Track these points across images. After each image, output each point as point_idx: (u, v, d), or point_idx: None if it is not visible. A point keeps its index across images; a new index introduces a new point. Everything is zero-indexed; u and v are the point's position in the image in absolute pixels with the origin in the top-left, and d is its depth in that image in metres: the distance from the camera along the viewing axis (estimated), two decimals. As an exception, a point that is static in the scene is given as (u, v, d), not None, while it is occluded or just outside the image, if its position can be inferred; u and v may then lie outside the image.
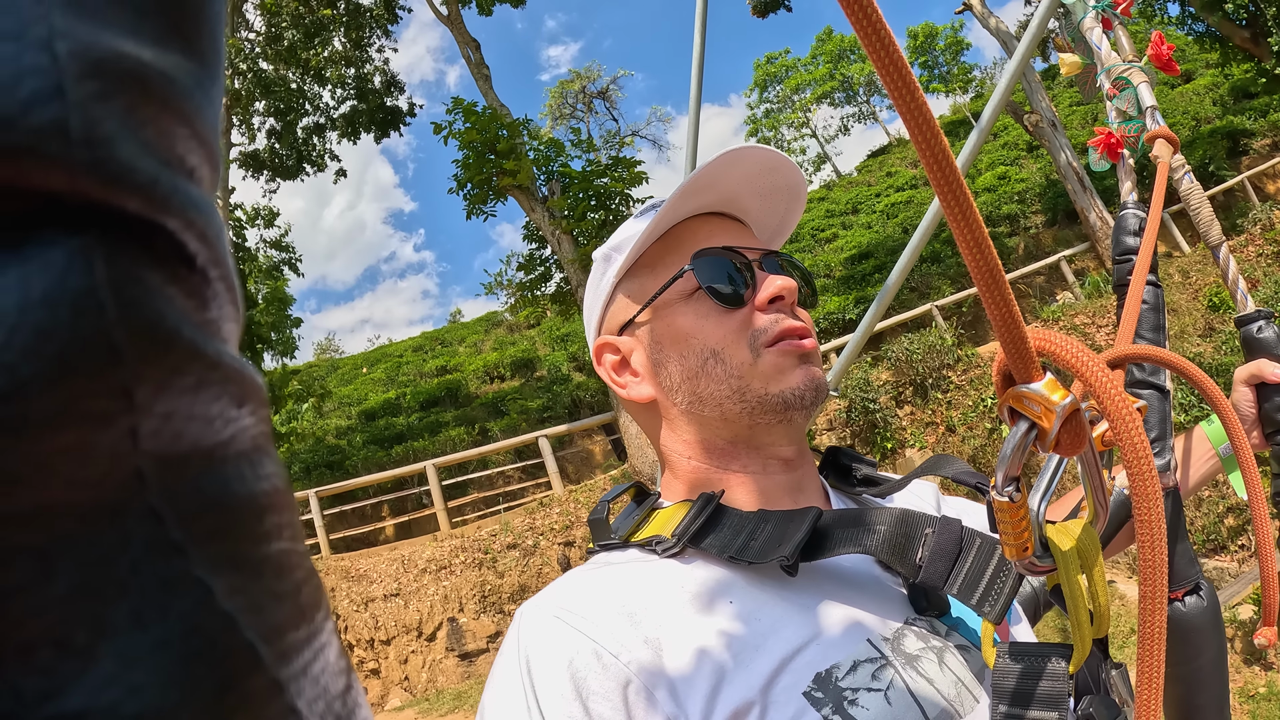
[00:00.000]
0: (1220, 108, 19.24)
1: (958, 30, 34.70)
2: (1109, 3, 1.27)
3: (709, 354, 0.73)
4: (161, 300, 0.13)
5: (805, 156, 39.82)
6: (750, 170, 0.77)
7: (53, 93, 0.12)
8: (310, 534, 10.59)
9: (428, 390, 18.04)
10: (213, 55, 0.16)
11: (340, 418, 17.69)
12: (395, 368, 21.94)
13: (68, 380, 0.12)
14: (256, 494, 0.15)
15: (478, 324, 27.37)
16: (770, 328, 0.73)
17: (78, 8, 0.13)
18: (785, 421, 0.73)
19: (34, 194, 0.12)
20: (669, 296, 0.76)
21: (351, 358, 27.70)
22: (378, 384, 20.64)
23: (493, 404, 16.59)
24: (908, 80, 0.35)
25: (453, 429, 15.04)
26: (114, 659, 0.12)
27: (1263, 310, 1.10)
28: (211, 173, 0.16)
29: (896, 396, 11.83)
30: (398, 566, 9.73)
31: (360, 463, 13.74)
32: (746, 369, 0.72)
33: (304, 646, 0.15)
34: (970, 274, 0.40)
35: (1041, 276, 15.77)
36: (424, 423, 15.89)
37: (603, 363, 0.80)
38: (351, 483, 11.57)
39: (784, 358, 0.72)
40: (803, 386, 0.72)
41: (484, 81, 13.03)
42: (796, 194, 0.82)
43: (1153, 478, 0.44)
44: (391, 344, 28.88)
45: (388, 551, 10.33)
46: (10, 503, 0.12)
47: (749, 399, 0.72)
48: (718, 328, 0.73)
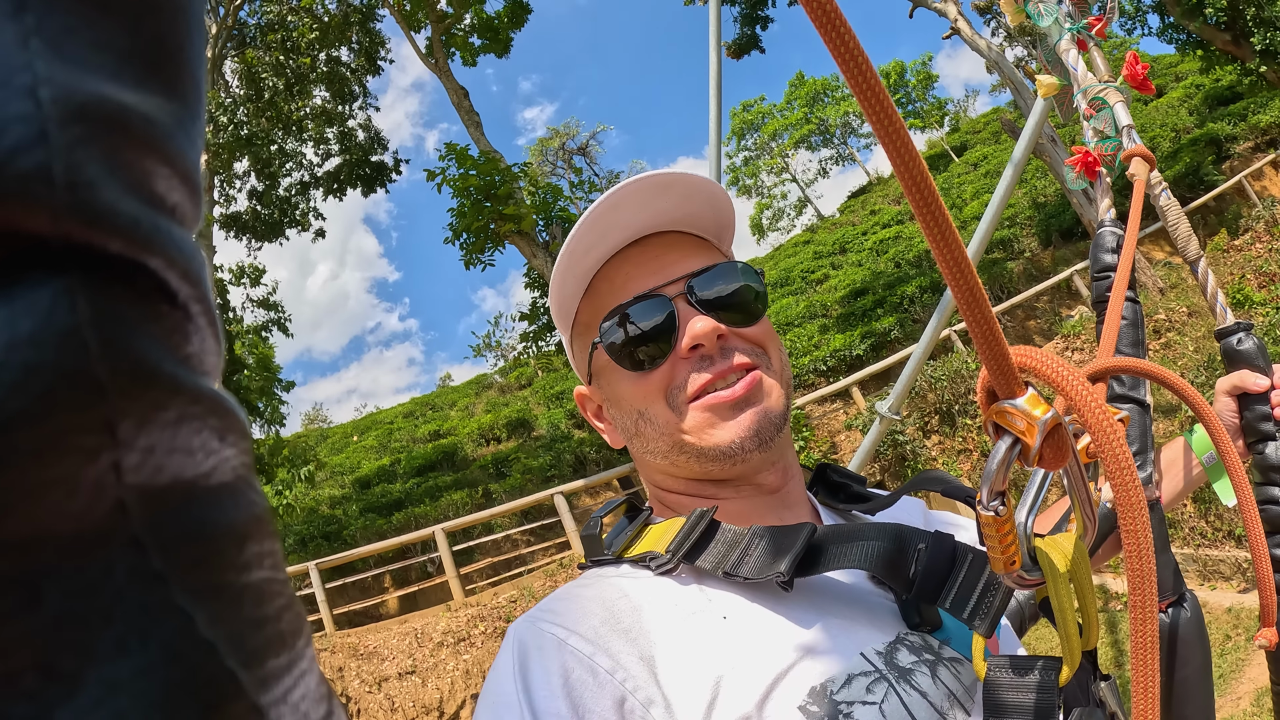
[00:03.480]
0: (1197, 117, 19.57)
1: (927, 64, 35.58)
2: (1084, 25, 1.28)
3: (638, 414, 0.74)
4: (143, 337, 0.14)
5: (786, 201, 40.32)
6: (641, 201, 0.74)
7: (36, 139, 0.13)
8: (312, 609, 9.72)
9: (423, 455, 17.41)
10: (193, 94, 0.16)
11: (333, 487, 16.91)
12: (386, 434, 21.42)
13: (53, 416, 0.12)
14: (237, 524, 0.15)
15: (468, 387, 26.97)
16: (689, 384, 0.72)
17: (61, 54, 0.13)
18: (733, 465, 0.72)
19: (20, 236, 0.13)
20: (597, 363, 0.77)
21: (341, 426, 27.24)
22: (369, 451, 20.03)
23: (492, 466, 15.96)
24: (882, 99, 0.35)
25: (454, 493, 14.32)
26: (98, 685, 0.12)
27: (1242, 322, 1.12)
28: (194, 209, 0.16)
29: (923, 426, 11.46)
30: (410, 641, 8.87)
31: (358, 532, 12.93)
32: (673, 427, 0.73)
33: (284, 673, 0.16)
34: (953, 295, 0.41)
35: (1045, 297, 15.57)
36: (422, 488, 15.17)
37: (585, 409, 0.84)
38: (353, 553, 10.70)
39: (708, 413, 0.72)
40: (736, 440, 0.71)
41: (475, 128, 12.72)
42: (704, 191, 0.77)
43: (1136, 488, 0.45)
44: (380, 411, 28.46)
45: (398, 625, 9.46)
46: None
47: (689, 451, 0.72)
48: (638, 389, 0.74)
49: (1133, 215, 1.09)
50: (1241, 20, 12.35)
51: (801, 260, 24.96)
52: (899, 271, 19.58)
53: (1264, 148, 16.75)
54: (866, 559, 0.63)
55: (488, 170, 11.11)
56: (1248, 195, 14.98)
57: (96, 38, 0.14)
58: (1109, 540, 1.04)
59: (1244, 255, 11.30)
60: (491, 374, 23.51)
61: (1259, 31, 12.15)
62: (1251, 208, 13.83)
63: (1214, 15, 12.45)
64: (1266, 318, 9.60)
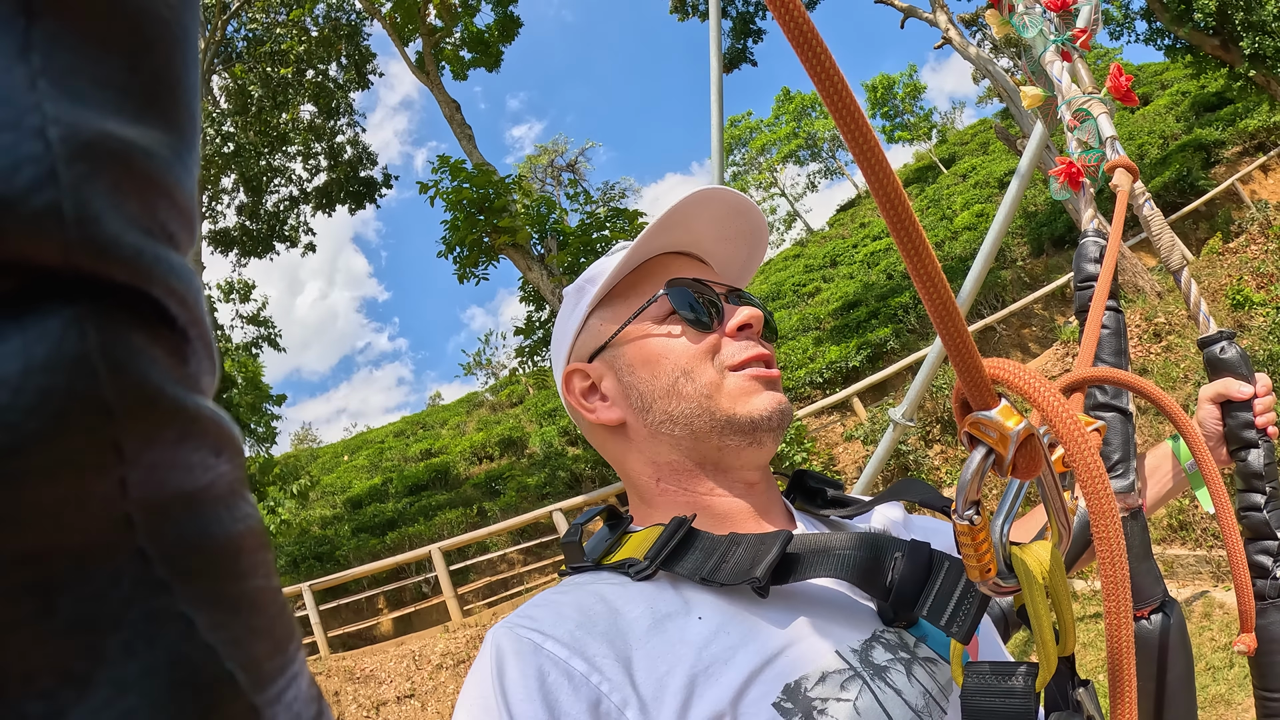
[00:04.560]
0: (1185, 123, 19.79)
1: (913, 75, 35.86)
2: (1068, 36, 1.30)
3: (679, 373, 0.76)
4: (146, 361, 0.15)
5: (776, 216, 40.46)
6: (719, 212, 0.82)
7: (47, 178, 0.13)
8: (306, 632, 9.41)
9: (414, 475, 17.13)
10: (189, 126, 0.17)
11: (324, 507, 16.57)
12: (377, 454, 21.11)
13: (66, 436, 0.13)
14: (233, 535, 0.16)
15: (459, 405, 26.71)
16: (738, 353, 0.77)
17: (66, 93, 0.14)
18: (754, 444, 0.76)
19: (32, 269, 0.13)
20: (642, 321, 0.79)
21: (331, 446, 26.83)
22: (360, 471, 19.71)
23: (485, 484, 15.71)
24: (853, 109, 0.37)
25: (448, 512, 14.04)
26: (109, 686, 0.13)
27: (1224, 331, 1.14)
28: (189, 237, 0.17)
29: (924, 436, 11.34)
30: (408, 664, 8.58)
31: (351, 552, 12.62)
32: (714, 389, 0.76)
33: (279, 675, 0.16)
34: (925, 306, 0.41)
35: (1040, 305, 15.57)
36: (415, 508, 14.89)
37: (571, 389, 0.83)
38: (347, 574, 10.39)
39: (750, 381, 0.76)
40: (769, 409, 0.76)
41: (468, 141, 12.58)
42: (759, 239, 0.87)
43: (1108, 497, 0.46)
44: (371, 430, 28.11)
45: (394, 647, 9.16)
46: (16, 545, 0.13)
47: (718, 417, 0.75)
48: (687, 350, 0.77)
49: (1115, 226, 1.12)
50: (1230, 24, 12.45)
51: (792, 274, 24.94)
52: (891, 283, 19.56)
53: (1252, 152, 16.90)
54: (842, 568, 0.65)
55: (481, 182, 10.96)
56: (1237, 199, 15.10)
57: (98, 74, 0.15)
58: (1089, 549, 1.05)
59: (1240, 258, 11.30)
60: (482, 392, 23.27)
61: (1248, 35, 12.24)
62: (1245, 210, 13.92)
63: (1202, 20, 12.54)
64: (1267, 318, 9.58)
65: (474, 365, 11.09)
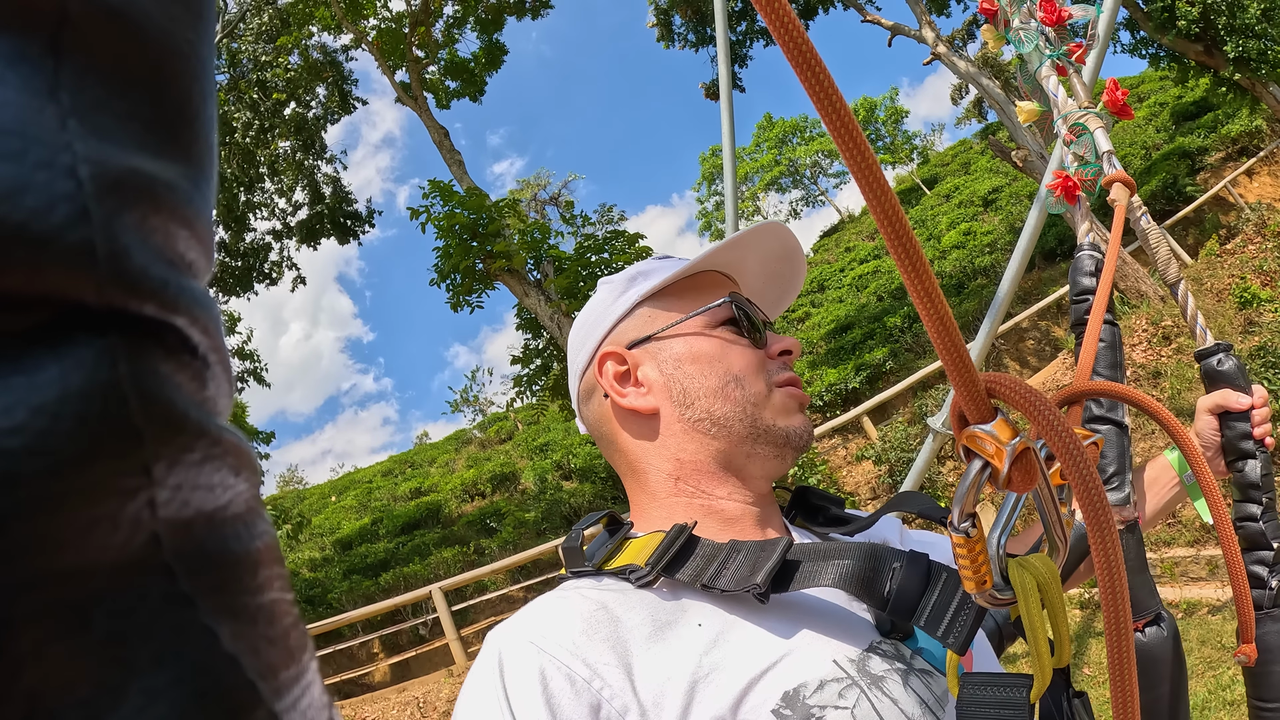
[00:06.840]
0: (1166, 133, 19.99)
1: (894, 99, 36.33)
2: (1064, 51, 1.32)
3: (731, 378, 0.79)
4: (172, 388, 0.16)
5: (759, 243, 40.37)
6: (773, 250, 0.88)
7: (80, 217, 0.14)
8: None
9: (405, 514, 16.54)
10: (207, 159, 0.18)
11: (313, 549, 15.89)
12: (366, 494, 20.46)
13: (101, 461, 0.14)
14: (252, 550, 0.17)
15: (447, 443, 26.10)
16: (782, 371, 0.83)
17: (94, 130, 0.15)
18: (780, 457, 0.80)
19: (67, 302, 0.14)
20: (697, 320, 0.82)
21: (318, 487, 25.95)
22: (349, 511, 19.00)
23: (479, 521, 15.18)
24: (853, 129, 0.37)
25: (444, 551, 13.49)
26: (140, 694, 0.14)
27: (1221, 343, 1.15)
28: (207, 265, 0.18)
29: (938, 452, 11.05)
30: (413, 712, 8.03)
31: (343, 594, 12.02)
32: (761, 399, 0.80)
33: (294, 683, 0.17)
34: (923, 321, 0.42)
35: (1037, 318, 15.46)
36: (407, 547, 14.33)
37: (603, 371, 0.83)
38: (341, 618, 9.80)
39: (790, 399, 0.81)
40: (802, 428, 0.80)
41: (458, 166, 12.32)
42: (793, 287, 0.93)
43: (1105, 511, 0.46)
44: (358, 470, 27.33)
45: (396, 694, 8.59)
46: (55, 564, 0.13)
47: (759, 426, 0.78)
48: (741, 357, 0.81)
49: (1113, 240, 1.12)
50: (1213, 30, 12.56)
51: (781, 299, 24.81)
52: (882, 304, 19.47)
53: (1235, 157, 17.08)
54: (841, 577, 0.65)
55: (474, 207, 10.65)
56: (1227, 203, 15.18)
57: (123, 109, 0.15)
58: (1085, 562, 1.04)
59: (1240, 258, 11.28)
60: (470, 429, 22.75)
61: (1231, 39, 12.34)
62: (1239, 213, 14.04)
63: (1186, 28, 12.64)
64: (1276, 314, 9.48)
65: (461, 402, 10.73)
